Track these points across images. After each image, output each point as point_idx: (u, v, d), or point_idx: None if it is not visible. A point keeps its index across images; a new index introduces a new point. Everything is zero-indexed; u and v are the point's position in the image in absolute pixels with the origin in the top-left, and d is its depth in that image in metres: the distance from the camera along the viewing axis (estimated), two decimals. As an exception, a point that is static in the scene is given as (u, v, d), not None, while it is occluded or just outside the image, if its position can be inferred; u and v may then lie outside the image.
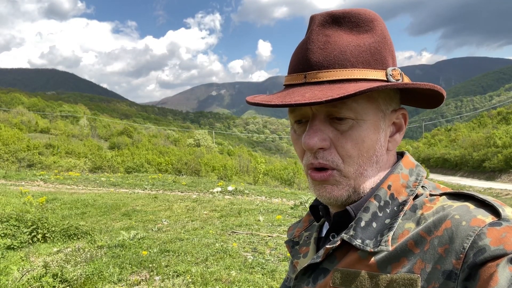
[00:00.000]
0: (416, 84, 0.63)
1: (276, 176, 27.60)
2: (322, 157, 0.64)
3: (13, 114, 41.07)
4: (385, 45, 0.66)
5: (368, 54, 0.63)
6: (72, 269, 4.41)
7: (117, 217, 8.18)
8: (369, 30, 0.65)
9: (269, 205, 9.72)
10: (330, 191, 0.66)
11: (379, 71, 0.64)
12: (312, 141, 0.63)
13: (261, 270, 4.57)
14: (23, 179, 14.79)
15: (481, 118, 52.08)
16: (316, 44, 0.64)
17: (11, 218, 6.12)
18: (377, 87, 0.59)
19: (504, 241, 0.50)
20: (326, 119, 0.65)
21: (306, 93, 0.60)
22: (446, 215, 0.57)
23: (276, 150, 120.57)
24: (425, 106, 0.74)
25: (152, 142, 42.44)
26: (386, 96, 0.67)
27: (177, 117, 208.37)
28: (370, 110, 0.64)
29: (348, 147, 0.64)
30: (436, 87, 0.65)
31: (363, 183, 0.67)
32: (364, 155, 0.65)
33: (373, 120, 0.65)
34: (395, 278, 0.57)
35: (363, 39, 0.64)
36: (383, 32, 0.66)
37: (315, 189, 0.68)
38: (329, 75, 0.62)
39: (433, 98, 0.70)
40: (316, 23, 0.66)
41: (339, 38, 0.64)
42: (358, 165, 0.65)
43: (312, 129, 0.64)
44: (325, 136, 0.64)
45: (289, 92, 0.63)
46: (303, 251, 0.78)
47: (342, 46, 0.63)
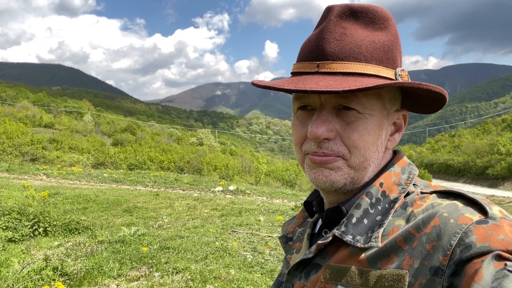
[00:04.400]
0: (429, 85, 0.64)
1: (278, 177, 27.60)
2: (327, 148, 0.65)
3: (18, 108, 41.25)
4: (397, 45, 0.67)
5: (382, 52, 0.64)
6: (72, 263, 4.44)
7: (118, 213, 8.22)
8: (384, 28, 0.66)
9: (270, 205, 9.72)
10: (328, 175, 0.66)
11: (389, 69, 0.65)
12: (320, 131, 0.63)
13: (260, 269, 4.58)
14: (26, 173, 14.85)
15: (486, 125, 51.84)
16: (333, 34, 0.64)
17: (13, 211, 6.16)
18: (394, 83, 0.60)
19: (490, 239, 0.51)
20: (333, 110, 0.65)
21: (320, 82, 0.60)
22: (435, 212, 0.58)
23: (278, 151, 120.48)
24: (422, 111, 0.75)
25: (155, 139, 42.51)
26: (391, 95, 0.68)
27: (180, 115, 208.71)
28: (376, 107, 0.65)
29: (354, 137, 0.64)
30: (444, 91, 0.65)
31: (363, 177, 0.68)
32: (370, 148, 0.65)
33: (378, 116, 0.65)
34: (384, 274, 0.58)
35: (378, 36, 0.65)
36: (396, 32, 0.67)
37: (311, 173, 0.68)
38: (343, 66, 0.62)
39: (434, 103, 0.70)
40: (334, 13, 0.66)
41: (355, 32, 0.64)
42: (364, 158, 0.65)
43: (320, 119, 0.64)
44: (332, 127, 0.64)
45: (301, 79, 0.63)
46: (297, 246, 0.79)
47: (358, 40, 0.63)
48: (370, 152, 0.66)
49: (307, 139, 0.67)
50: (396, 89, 0.69)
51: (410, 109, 0.75)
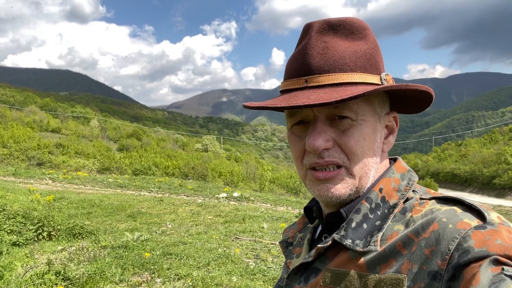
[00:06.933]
0: (415, 85, 0.66)
1: (282, 184, 27.54)
2: (329, 155, 0.66)
3: (26, 113, 41.68)
4: (377, 51, 0.69)
5: (365, 60, 0.66)
6: (75, 267, 4.44)
7: (122, 218, 8.23)
8: (363, 37, 0.68)
9: (274, 212, 9.69)
10: (334, 190, 0.67)
11: (374, 75, 0.67)
12: (318, 143, 0.64)
13: (262, 277, 4.55)
14: (32, 177, 14.96)
15: (493, 134, 51.51)
16: (316, 49, 0.66)
17: (18, 215, 6.20)
18: (382, 88, 0.61)
19: (488, 244, 0.52)
20: (328, 121, 0.66)
21: (311, 96, 0.62)
22: (434, 218, 0.59)
23: (283, 158, 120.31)
24: (410, 111, 0.77)
25: (161, 145, 42.67)
26: (380, 99, 0.70)
27: (186, 121, 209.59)
28: (368, 112, 0.67)
29: (351, 144, 0.65)
30: (429, 89, 0.67)
31: (365, 183, 0.68)
32: (367, 153, 0.66)
33: (371, 121, 0.67)
34: (382, 278, 0.58)
35: (359, 46, 0.67)
36: (374, 39, 0.70)
37: (316, 189, 0.69)
38: (330, 78, 0.64)
39: (421, 101, 0.72)
40: (314, 29, 0.68)
41: (336, 44, 0.66)
42: (364, 163, 0.67)
43: (316, 131, 0.65)
44: (328, 137, 0.66)
45: (292, 96, 0.65)
46: (297, 251, 0.80)
47: (340, 51, 0.65)
48: (368, 157, 0.67)
49: (306, 152, 0.68)
50: (384, 93, 0.71)
51: (399, 111, 0.77)
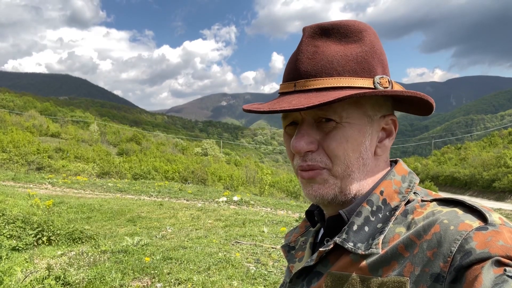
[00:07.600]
0: (404, 92, 0.65)
1: (282, 188, 27.51)
2: (311, 159, 0.67)
3: (25, 118, 41.72)
4: (374, 54, 0.68)
5: (355, 63, 0.66)
6: (75, 272, 4.43)
7: (122, 223, 8.21)
8: (358, 40, 0.67)
9: (274, 216, 9.67)
10: (317, 189, 0.68)
11: (366, 79, 0.66)
12: (299, 145, 0.65)
13: (263, 281, 4.53)
14: (32, 182, 14.93)
15: (492, 138, 51.57)
16: (305, 54, 0.67)
17: (17, 219, 6.19)
18: (355, 95, 0.61)
19: (490, 245, 0.52)
20: (314, 123, 0.67)
21: (293, 100, 0.63)
22: (435, 220, 0.59)
23: (283, 162, 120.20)
24: (417, 113, 0.76)
25: (160, 149, 42.67)
26: (374, 102, 0.69)
27: (186, 125, 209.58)
28: (355, 115, 0.66)
29: (333, 146, 0.66)
30: (419, 94, 0.66)
31: (350, 184, 0.68)
32: (350, 155, 0.66)
33: (357, 124, 0.66)
34: (385, 281, 0.58)
35: (351, 49, 0.66)
36: (372, 42, 0.68)
37: (304, 188, 0.70)
38: (316, 83, 0.65)
39: (422, 106, 0.71)
40: (306, 34, 0.69)
41: (327, 48, 0.66)
42: (346, 165, 0.67)
43: (300, 133, 0.67)
44: (312, 139, 0.66)
45: (279, 100, 0.67)
46: (299, 255, 0.80)
47: (329, 56, 0.66)
48: (351, 159, 0.67)
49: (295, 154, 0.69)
50: (379, 95, 0.69)
51: (406, 111, 0.77)
